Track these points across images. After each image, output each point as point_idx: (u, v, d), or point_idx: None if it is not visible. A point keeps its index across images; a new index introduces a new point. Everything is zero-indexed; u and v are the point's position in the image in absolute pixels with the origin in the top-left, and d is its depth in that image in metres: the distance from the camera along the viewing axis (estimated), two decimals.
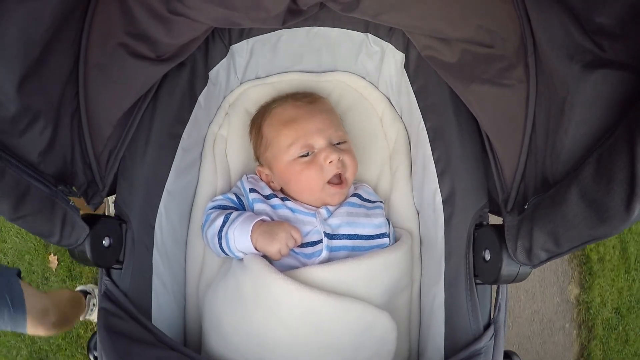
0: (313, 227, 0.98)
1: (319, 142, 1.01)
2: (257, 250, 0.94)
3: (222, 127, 1.15)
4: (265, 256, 0.94)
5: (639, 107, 0.55)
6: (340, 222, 0.98)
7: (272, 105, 1.10)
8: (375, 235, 1.00)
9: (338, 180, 1.02)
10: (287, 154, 1.02)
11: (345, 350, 0.88)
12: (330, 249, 0.95)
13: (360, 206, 1.04)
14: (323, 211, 1.01)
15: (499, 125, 0.80)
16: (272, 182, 1.08)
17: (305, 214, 1.00)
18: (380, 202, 1.10)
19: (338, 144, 1.04)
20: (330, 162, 0.99)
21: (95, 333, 0.82)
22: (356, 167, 1.06)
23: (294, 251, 0.96)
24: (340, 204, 1.03)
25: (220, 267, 1.05)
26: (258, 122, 1.11)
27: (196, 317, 1.04)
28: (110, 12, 0.78)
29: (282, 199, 1.04)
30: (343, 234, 0.97)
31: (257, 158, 1.13)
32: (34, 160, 0.71)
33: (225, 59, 1.09)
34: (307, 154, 1.01)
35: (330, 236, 0.96)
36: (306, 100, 1.08)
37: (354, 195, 1.07)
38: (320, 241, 0.96)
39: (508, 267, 0.77)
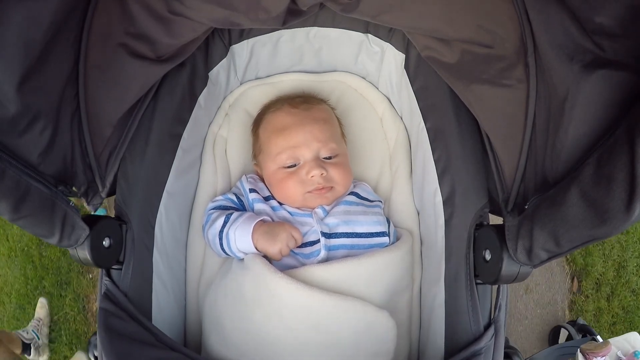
0: (311, 227, 0.98)
1: (305, 155, 1.01)
2: (257, 250, 0.94)
3: (222, 127, 1.15)
4: (265, 256, 0.94)
5: (639, 107, 0.55)
6: (338, 221, 0.98)
7: (270, 108, 1.10)
8: (374, 233, 1.00)
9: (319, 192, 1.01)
10: (274, 162, 1.03)
11: (345, 349, 0.88)
12: (329, 248, 0.95)
13: (358, 204, 1.04)
14: (319, 211, 1.00)
15: (499, 125, 0.80)
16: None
17: (302, 215, 1.01)
18: (380, 201, 1.10)
19: (329, 157, 1.03)
20: (312, 177, 0.99)
21: (95, 333, 0.82)
22: (347, 180, 1.05)
23: (293, 251, 0.96)
24: (337, 203, 1.03)
25: (221, 267, 1.05)
26: (257, 123, 1.11)
27: (196, 317, 1.04)
28: (110, 13, 0.78)
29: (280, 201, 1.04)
30: (341, 233, 0.97)
31: (254, 157, 1.13)
32: (34, 160, 0.71)
33: (225, 59, 1.09)
34: (294, 164, 1.02)
35: (328, 235, 0.96)
36: (302, 107, 1.06)
37: (351, 193, 1.06)
38: (318, 241, 0.96)
39: (508, 267, 0.77)
